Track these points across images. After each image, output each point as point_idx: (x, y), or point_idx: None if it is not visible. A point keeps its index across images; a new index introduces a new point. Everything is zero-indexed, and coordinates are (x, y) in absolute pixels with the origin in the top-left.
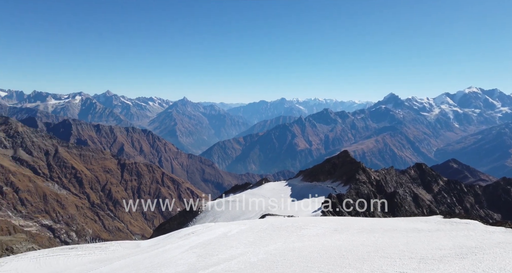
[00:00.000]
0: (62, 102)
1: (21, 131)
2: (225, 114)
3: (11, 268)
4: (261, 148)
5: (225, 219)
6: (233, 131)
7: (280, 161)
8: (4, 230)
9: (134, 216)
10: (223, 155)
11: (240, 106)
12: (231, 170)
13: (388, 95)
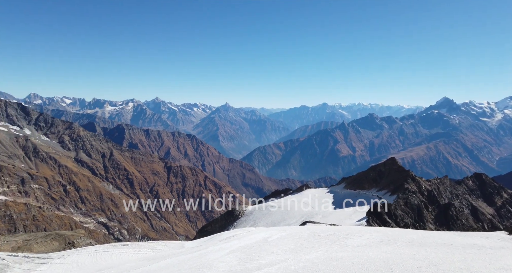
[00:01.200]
0: (117, 109)
1: (82, 135)
2: (265, 119)
3: (72, 261)
4: (302, 154)
5: (265, 224)
6: (274, 136)
7: (321, 168)
8: (67, 225)
9: (178, 217)
10: (263, 160)
11: (281, 111)
12: (271, 175)
13: (442, 99)
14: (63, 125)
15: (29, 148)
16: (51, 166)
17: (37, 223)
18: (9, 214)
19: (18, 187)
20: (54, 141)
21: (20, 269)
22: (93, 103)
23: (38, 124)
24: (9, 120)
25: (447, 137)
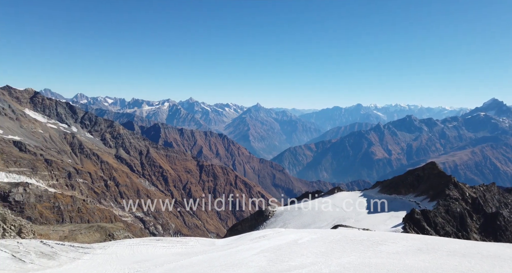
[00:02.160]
0: (153, 108)
1: (122, 133)
2: (296, 120)
3: (112, 252)
4: (334, 156)
5: (295, 226)
6: (305, 137)
7: (354, 170)
8: (108, 218)
9: (210, 215)
10: (293, 161)
11: (313, 112)
12: (301, 176)
13: (490, 100)
14: (105, 123)
15: (75, 145)
16: (94, 162)
17: (81, 215)
18: (57, 205)
19: (65, 180)
20: (97, 138)
21: (67, 257)
22: (132, 103)
23: (84, 122)
24: (58, 118)
25: (495, 141)
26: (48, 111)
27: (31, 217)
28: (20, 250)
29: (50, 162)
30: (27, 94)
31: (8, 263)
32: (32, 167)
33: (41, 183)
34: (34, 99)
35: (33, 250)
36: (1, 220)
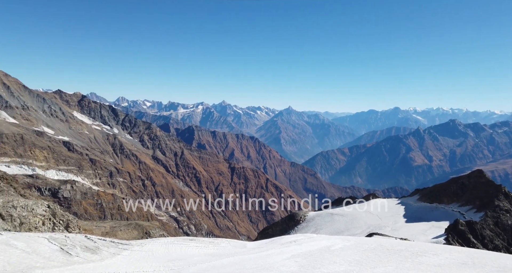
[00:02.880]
0: (188, 111)
1: (159, 135)
2: (329, 123)
3: (148, 249)
4: (369, 161)
5: (328, 232)
6: (338, 141)
7: (391, 176)
8: (144, 216)
9: (241, 217)
10: (326, 166)
11: (346, 116)
12: (334, 181)
13: None
14: (144, 125)
15: (117, 145)
16: (133, 162)
17: (121, 213)
18: (100, 202)
19: (107, 179)
20: (136, 139)
21: (108, 252)
22: (168, 105)
23: (124, 124)
24: (102, 120)
25: None
26: (93, 113)
27: (77, 213)
28: (67, 244)
29: (94, 162)
30: (75, 97)
31: (57, 255)
32: (79, 166)
33: (86, 181)
34: (81, 102)
35: (79, 244)
36: (52, 215)
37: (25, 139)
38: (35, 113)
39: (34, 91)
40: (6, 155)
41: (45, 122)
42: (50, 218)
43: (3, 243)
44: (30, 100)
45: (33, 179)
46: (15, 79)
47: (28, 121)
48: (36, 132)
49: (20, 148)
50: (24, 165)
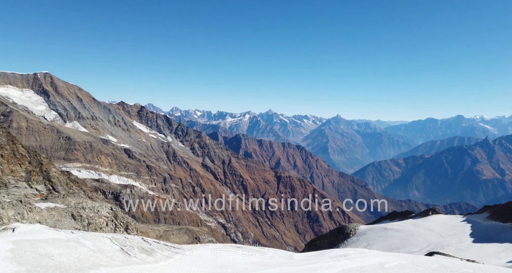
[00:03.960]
0: (235, 120)
1: (208, 143)
2: (381, 132)
3: (198, 254)
4: (427, 173)
5: (381, 247)
6: (391, 151)
7: (454, 191)
8: (195, 222)
9: (287, 227)
10: (378, 177)
11: (401, 124)
12: (387, 194)
13: None
14: (194, 134)
15: (170, 153)
16: (184, 169)
17: (173, 217)
18: (155, 207)
19: (161, 185)
20: (187, 147)
21: (161, 254)
22: (217, 115)
23: (177, 133)
24: (157, 129)
25: None
26: (150, 123)
27: (134, 216)
28: (127, 244)
29: (151, 168)
30: (135, 108)
31: (118, 255)
32: (137, 172)
33: (143, 186)
34: (140, 112)
35: (136, 245)
36: (114, 217)
37: (93, 147)
38: (102, 123)
39: (101, 103)
40: (78, 160)
41: (110, 131)
42: (112, 220)
43: (74, 241)
44: (98, 111)
45: (99, 183)
46: (87, 93)
47: (96, 130)
48: (102, 140)
49: (89, 154)
50: (92, 170)
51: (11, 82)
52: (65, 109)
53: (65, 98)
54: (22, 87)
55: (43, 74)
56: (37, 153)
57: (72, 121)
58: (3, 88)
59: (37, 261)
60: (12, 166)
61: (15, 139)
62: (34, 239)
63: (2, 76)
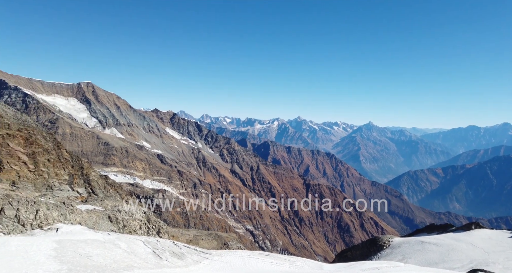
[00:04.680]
0: (264, 127)
1: (236, 150)
2: (417, 140)
3: (226, 260)
4: (469, 184)
5: (417, 262)
6: (428, 160)
7: (500, 204)
8: (223, 227)
9: (317, 236)
10: (414, 187)
11: (439, 132)
12: (424, 205)
13: None
14: (223, 140)
15: (200, 159)
16: (214, 175)
17: (202, 222)
18: (185, 211)
19: (192, 190)
20: (216, 153)
21: (191, 259)
22: (246, 121)
23: (207, 139)
24: (188, 136)
25: None
26: (181, 129)
27: (166, 220)
28: (159, 248)
29: (181, 173)
30: (168, 115)
31: (150, 258)
32: (169, 177)
33: (174, 191)
34: (172, 119)
35: (167, 249)
36: (147, 220)
37: (129, 152)
38: (137, 129)
39: (137, 110)
40: (115, 165)
41: (144, 137)
42: (145, 223)
43: (111, 242)
44: (134, 118)
45: (133, 187)
46: (124, 101)
47: (132, 136)
48: (137, 146)
49: (125, 159)
50: (127, 175)
51: (58, 91)
52: (104, 116)
53: (105, 106)
54: (67, 96)
55: (85, 83)
56: (79, 157)
57: (111, 127)
58: (51, 97)
59: (77, 261)
60: (57, 169)
61: (60, 144)
62: (75, 239)
63: (50, 86)
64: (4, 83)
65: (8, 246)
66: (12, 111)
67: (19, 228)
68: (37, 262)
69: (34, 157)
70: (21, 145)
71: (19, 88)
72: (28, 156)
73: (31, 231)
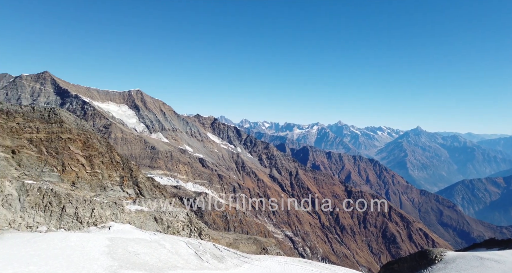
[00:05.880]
0: (303, 132)
1: (275, 155)
2: (473, 146)
3: (266, 265)
4: None
5: None
6: (486, 169)
7: None
8: (262, 232)
9: (360, 246)
10: (469, 197)
11: (499, 138)
12: (482, 217)
13: None
14: (262, 145)
15: (239, 163)
16: (252, 179)
17: (242, 226)
18: (225, 215)
19: (231, 193)
20: (255, 158)
21: (231, 262)
22: (285, 126)
23: (246, 144)
24: (228, 140)
25: None
26: (221, 134)
27: (207, 222)
28: (200, 249)
29: (221, 177)
30: (209, 120)
31: (192, 259)
32: (209, 180)
33: (214, 194)
34: (213, 124)
35: (209, 251)
36: (189, 222)
37: (173, 156)
38: (180, 134)
39: (180, 115)
40: (160, 168)
41: (187, 141)
42: (188, 225)
43: (156, 242)
44: (178, 123)
45: (177, 190)
46: (169, 107)
47: (176, 140)
48: (180, 150)
49: (169, 163)
50: (171, 177)
51: (111, 98)
52: (151, 122)
53: (152, 112)
54: (119, 103)
55: (135, 91)
56: (128, 160)
57: (157, 132)
58: (106, 104)
59: (127, 258)
60: (109, 171)
61: (113, 148)
62: (125, 237)
63: (105, 94)
64: (67, 92)
65: (68, 241)
66: (73, 117)
67: (77, 225)
68: (92, 258)
69: (90, 159)
70: (80, 148)
71: (79, 96)
72: (86, 159)
73: (88, 228)
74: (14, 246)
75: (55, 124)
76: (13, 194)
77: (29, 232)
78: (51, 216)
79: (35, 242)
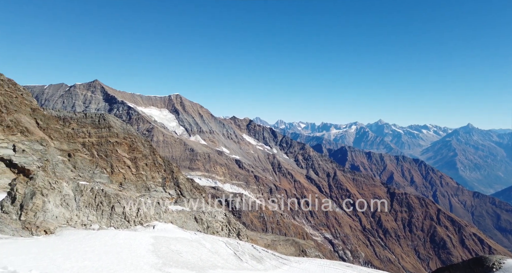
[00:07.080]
0: (341, 131)
1: (312, 155)
2: None
3: (305, 268)
4: None
5: None
6: None
7: None
8: (300, 234)
9: (405, 250)
10: None
11: None
12: None
13: None
14: (298, 146)
15: (275, 164)
16: (289, 180)
17: (279, 227)
18: (262, 216)
19: (268, 195)
20: (291, 159)
21: (270, 263)
22: (321, 126)
23: (281, 145)
24: (264, 141)
25: None
26: (257, 135)
27: (245, 223)
28: (239, 250)
29: (258, 178)
30: (245, 122)
31: (232, 259)
32: (246, 181)
33: (251, 195)
34: (249, 126)
35: (247, 251)
36: (227, 222)
37: (210, 157)
38: (217, 136)
39: (217, 118)
40: (199, 169)
41: (224, 143)
42: (226, 225)
43: (197, 241)
44: (215, 125)
45: (215, 190)
46: (206, 110)
47: (213, 142)
48: (217, 151)
49: (207, 164)
50: (209, 178)
51: (153, 103)
52: (190, 125)
53: (190, 115)
54: (160, 107)
55: (175, 95)
56: (169, 162)
57: (195, 135)
58: (148, 109)
59: (170, 256)
60: (153, 173)
61: (155, 150)
62: (168, 236)
63: (147, 99)
64: (114, 99)
65: (117, 238)
66: (120, 122)
67: (125, 223)
68: (139, 255)
69: (135, 162)
70: (126, 151)
71: (125, 102)
72: (131, 161)
73: (134, 227)
74: (72, 242)
75: (104, 129)
76: (70, 194)
77: (84, 229)
78: (102, 215)
79: (89, 239)
